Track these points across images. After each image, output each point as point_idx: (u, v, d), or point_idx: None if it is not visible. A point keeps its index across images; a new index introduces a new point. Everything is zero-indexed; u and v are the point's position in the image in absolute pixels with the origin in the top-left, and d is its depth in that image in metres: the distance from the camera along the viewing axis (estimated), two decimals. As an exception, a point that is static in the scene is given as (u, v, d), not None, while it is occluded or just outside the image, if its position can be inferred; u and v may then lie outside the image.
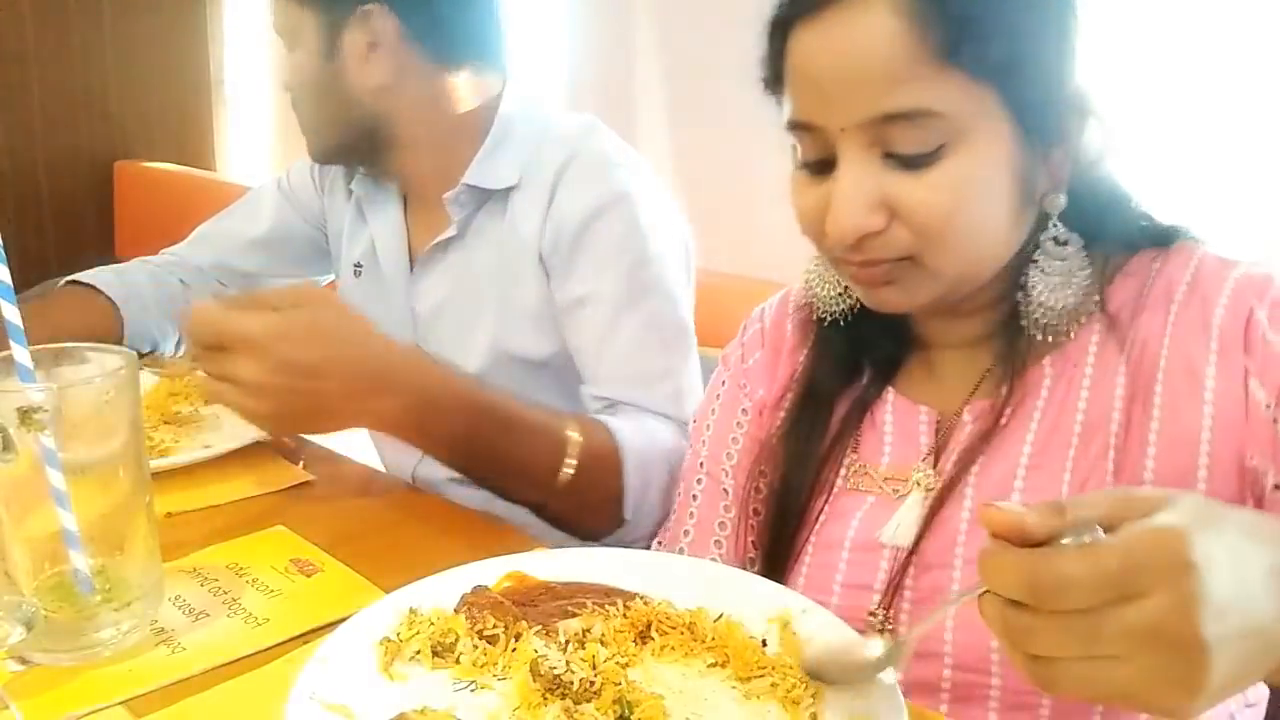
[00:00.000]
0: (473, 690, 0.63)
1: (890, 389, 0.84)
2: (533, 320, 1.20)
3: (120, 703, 0.65)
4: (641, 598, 0.72)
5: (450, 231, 1.23)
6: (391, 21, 1.17)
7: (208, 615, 0.75)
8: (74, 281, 1.45)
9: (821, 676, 0.62)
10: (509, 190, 1.20)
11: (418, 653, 0.65)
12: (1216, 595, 0.43)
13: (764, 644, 0.67)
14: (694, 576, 0.74)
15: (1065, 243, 0.74)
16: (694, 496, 0.92)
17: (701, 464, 0.93)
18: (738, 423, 0.91)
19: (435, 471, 1.27)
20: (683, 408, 1.12)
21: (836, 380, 0.85)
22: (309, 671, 0.62)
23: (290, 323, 0.86)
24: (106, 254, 3.49)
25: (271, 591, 0.79)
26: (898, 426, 0.82)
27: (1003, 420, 0.76)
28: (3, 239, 0.66)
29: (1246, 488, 0.68)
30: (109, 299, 1.42)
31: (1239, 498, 0.68)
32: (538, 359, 1.21)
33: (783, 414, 0.87)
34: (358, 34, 1.17)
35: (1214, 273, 0.72)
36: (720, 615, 0.69)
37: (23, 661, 0.68)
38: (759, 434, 0.89)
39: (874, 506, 0.80)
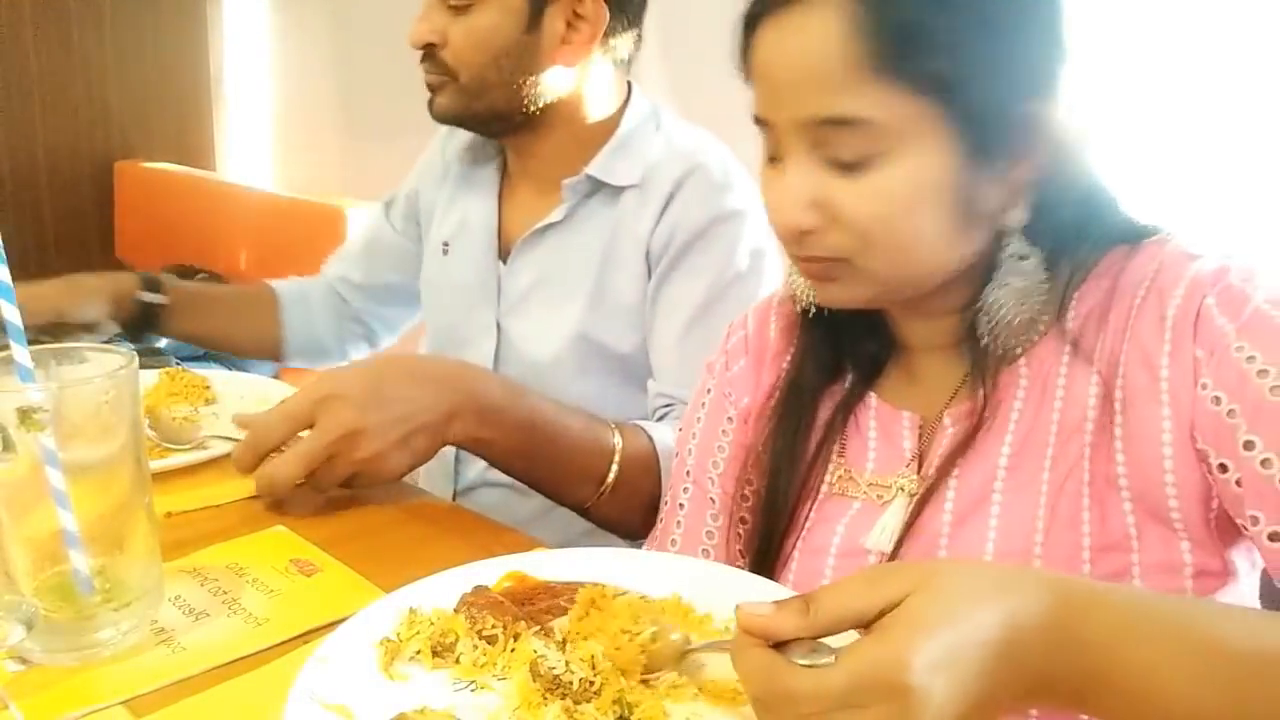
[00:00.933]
0: (472, 690, 0.63)
1: (873, 394, 0.84)
2: (625, 313, 1.24)
3: (120, 703, 0.65)
4: (641, 597, 0.72)
5: (557, 216, 1.26)
6: (600, 9, 1.20)
7: (208, 615, 0.75)
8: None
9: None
10: (623, 188, 1.24)
11: (418, 653, 0.65)
12: (931, 708, 0.49)
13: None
14: (694, 576, 0.74)
15: (1025, 258, 0.73)
16: (681, 505, 0.92)
17: (688, 472, 0.93)
18: (723, 430, 0.91)
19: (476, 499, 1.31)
20: None
21: (819, 380, 0.85)
22: (309, 671, 0.62)
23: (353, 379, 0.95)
24: (107, 254, 3.50)
25: (271, 591, 0.79)
26: (881, 432, 0.82)
27: (981, 424, 0.76)
28: (3, 239, 0.66)
29: (1205, 473, 0.69)
30: (275, 297, 1.51)
31: (1203, 484, 0.68)
32: (619, 351, 1.24)
33: (768, 419, 0.87)
34: (561, 13, 1.19)
35: (1174, 266, 0.72)
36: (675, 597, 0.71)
37: (23, 661, 0.68)
38: (744, 441, 0.89)
39: (859, 512, 0.80)
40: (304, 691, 0.60)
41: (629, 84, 1.31)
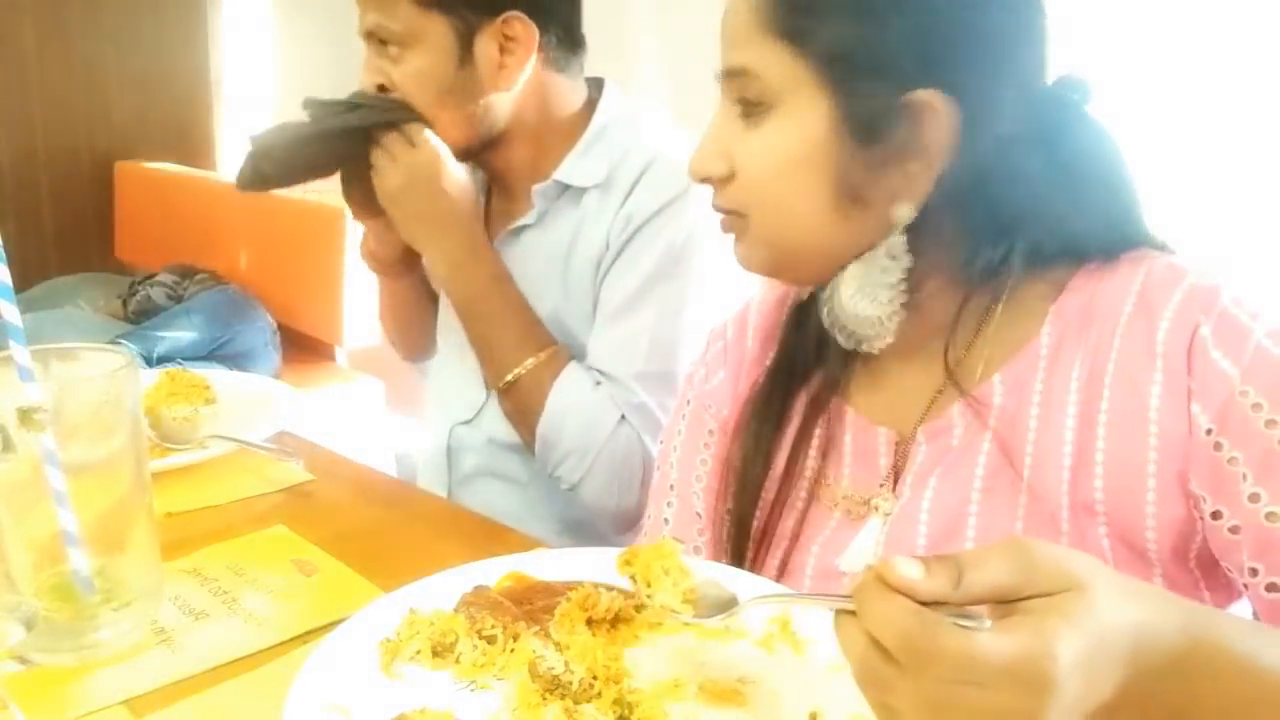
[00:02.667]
0: (472, 690, 0.63)
1: (849, 409, 0.82)
2: (590, 306, 1.26)
3: (120, 703, 0.65)
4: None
5: (529, 220, 1.28)
6: (529, 28, 1.21)
7: (208, 615, 0.75)
8: None
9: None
10: (588, 188, 1.25)
11: (418, 653, 0.65)
12: (1061, 708, 0.47)
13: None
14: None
15: (894, 257, 0.72)
16: (666, 520, 0.91)
17: (671, 486, 0.91)
18: (704, 444, 0.90)
19: (475, 433, 1.36)
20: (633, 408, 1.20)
21: (791, 381, 0.84)
22: (309, 671, 0.62)
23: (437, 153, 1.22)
24: (106, 254, 3.50)
25: (271, 591, 0.79)
26: (856, 447, 0.81)
27: (954, 442, 0.74)
28: (3, 239, 0.66)
29: (1192, 511, 0.67)
30: None
31: (1187, 521, 0.67)
32: (586, 341, 1.26)
33: (738, 425, 0.86)
34: (492, 40, 1.21)
35: (1161, 285, 0.70)
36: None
37: (23, 661, 0.68)
38: (723, 453, 0.88)
39: (836, 529, 0.79)
40: (304, 691, 0.60)
41: (600, 83, 1.32)
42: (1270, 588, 0.65)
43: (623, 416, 1.19)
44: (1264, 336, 0.66)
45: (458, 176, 1.25)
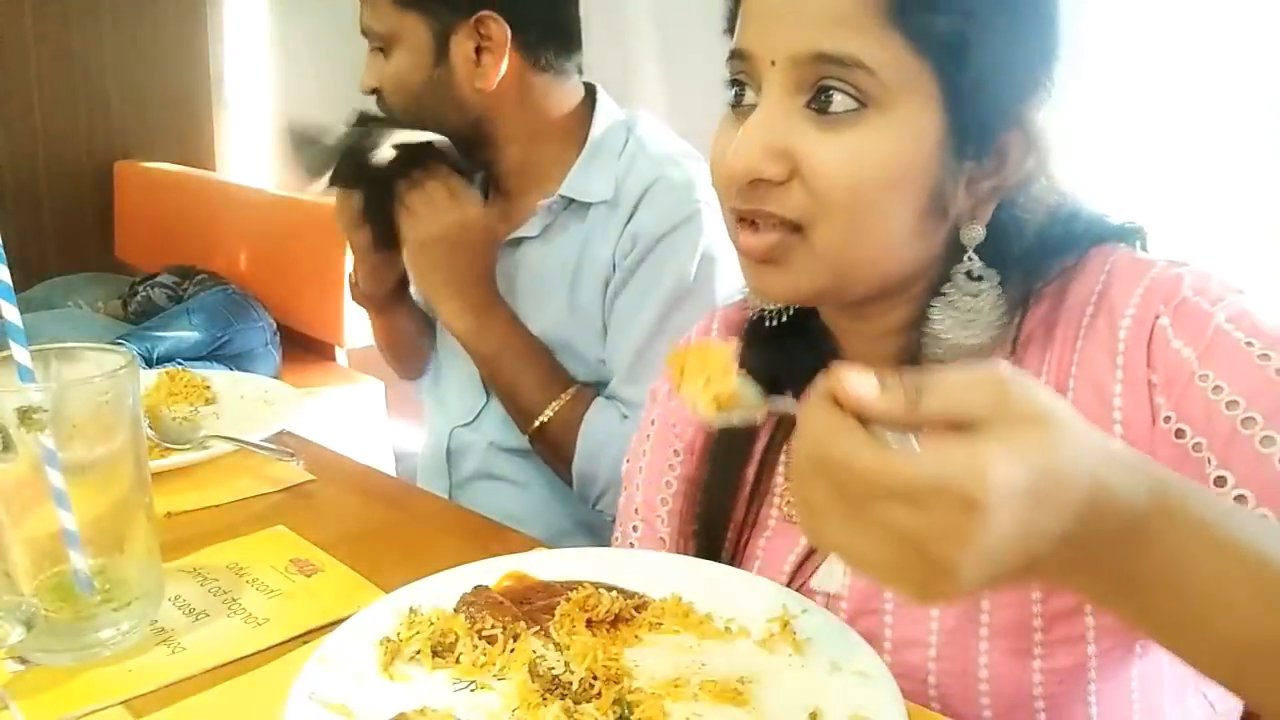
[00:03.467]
0: (472, 690, 0.63)
1: None
2: (595, 322, 1.26)
3: (120, 703, 0.65)
4: (640, 596, 0.72)
5: (532, 231, 1.28)
6: (502, 27, 1.22)
7: (208, 615, 0.75)
8: None
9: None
10: (594, 203, 1.25)
11: (418, 653, 0.65)
12: (989, 542, 0.43)
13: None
14: (695, 576, 0.74)
15: (979, 278, 0.68)
16: (631, 544, 0.89)
17: (636, 510, 0.89)
18: (670, 465, 0.88)
19: (475, 436, 1.36)
20: None
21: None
22: (309, 671, 0.62)
23: (473, 210, 1.24)
24: (107, 254, 3.50)
25: (271, 591, 0.79)
26: None
27: None
28: (3, 239, 0.66)
29: None
30: None
31: None
32: (593, 361, 1.27)
33: (702, 450, 0.83)
34: (467, 39, 1.21)
35: (1122, 284, 0.68)
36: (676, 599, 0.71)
37: (23, 661, 0.68)
38: (689, 474, 0.85)
39: (808, 547, 0.77)
40: (304, 691, 0.60)
41: (593, 89, 1.32)
42: None
43: None
44: (1224, 320, 0.64)
45: (488, 236, 1.26)
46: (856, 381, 0.46)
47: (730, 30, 0.72)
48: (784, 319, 0.78)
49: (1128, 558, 0.47)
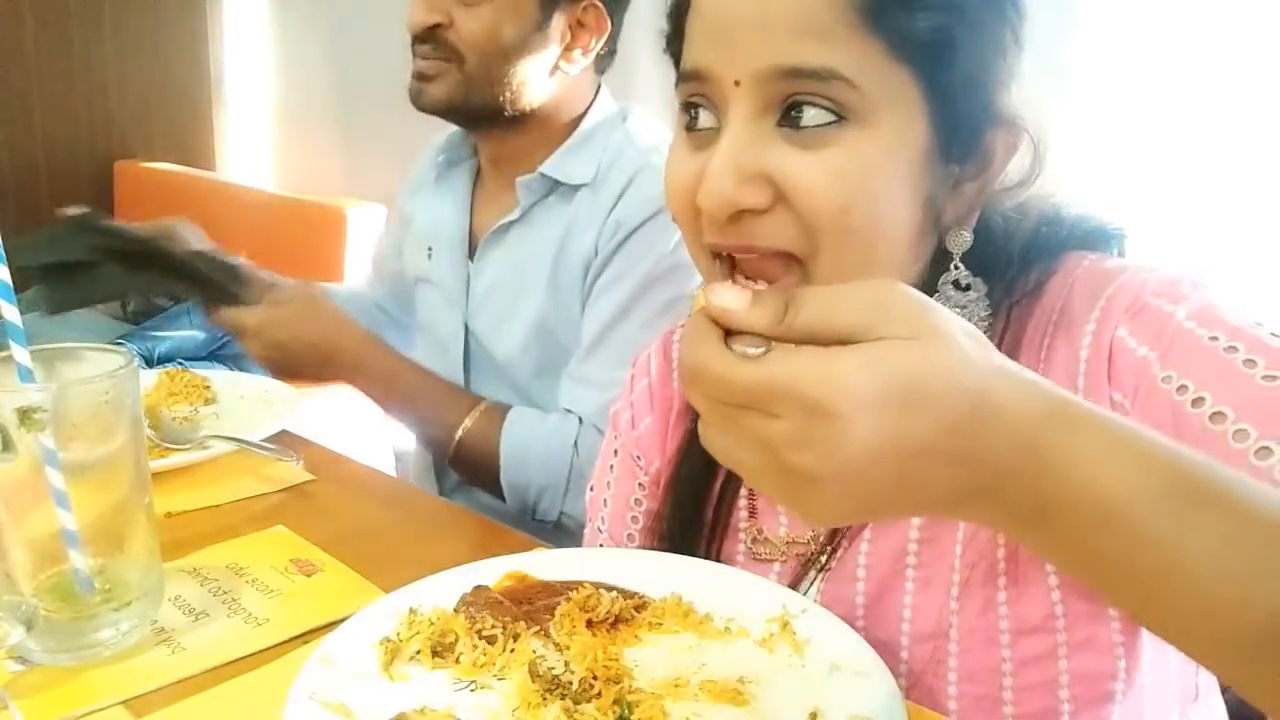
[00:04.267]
0: (472, 690, 0.63)
1: None
2: (577, 309, 1.26)
3: (120, 703, 0.65)
4: (640, 596, 0.72)
5: (513, 215, 1.28)
6: (604, 19, 1.23)
7: (208, 615, 0.75)
8: None
9: None
10: (577, 187, 1.25)
11: (418, 653, 0.65)
12: (849, 452, 0.42)
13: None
14: (694, 576, 0.74)
15: (967, 288, 0.65)
16: None
17: (602, 544, 0.88)
18: (635, 499, 0.85)
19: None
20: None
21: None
22: (309, 671, 0.62)
23: (272, 315, 1.23)
24: (106, 254, 3.49)
25: (271, 591, 0.79)
26: None
27: None
28: (3, 239, 0.66)
29: None
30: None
31: None
32: (571, 344, 1.27)
33: (664, 490, 0.81)
34: (567, 16, 1.22)
35: (1083, 296, 0.64)
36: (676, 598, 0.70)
37: (23, 661, 0.68)
38: (654, 507, 0.83)
39: (779, 579, 0.75)
40: (304, 691, 0.60)
41: (599, 86, 1.34)
42: None
43: (580, 424, 1.20)
44: (1185, 318, 0.61)
45: (313, 309, 1.26)
46: (724, 293, 0.45)
47: (670, 49, 0.67)
48: None
49: (1032, 478, 0.43)
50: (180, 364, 2.12)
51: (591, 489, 0.91)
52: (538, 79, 1.24)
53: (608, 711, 0.58)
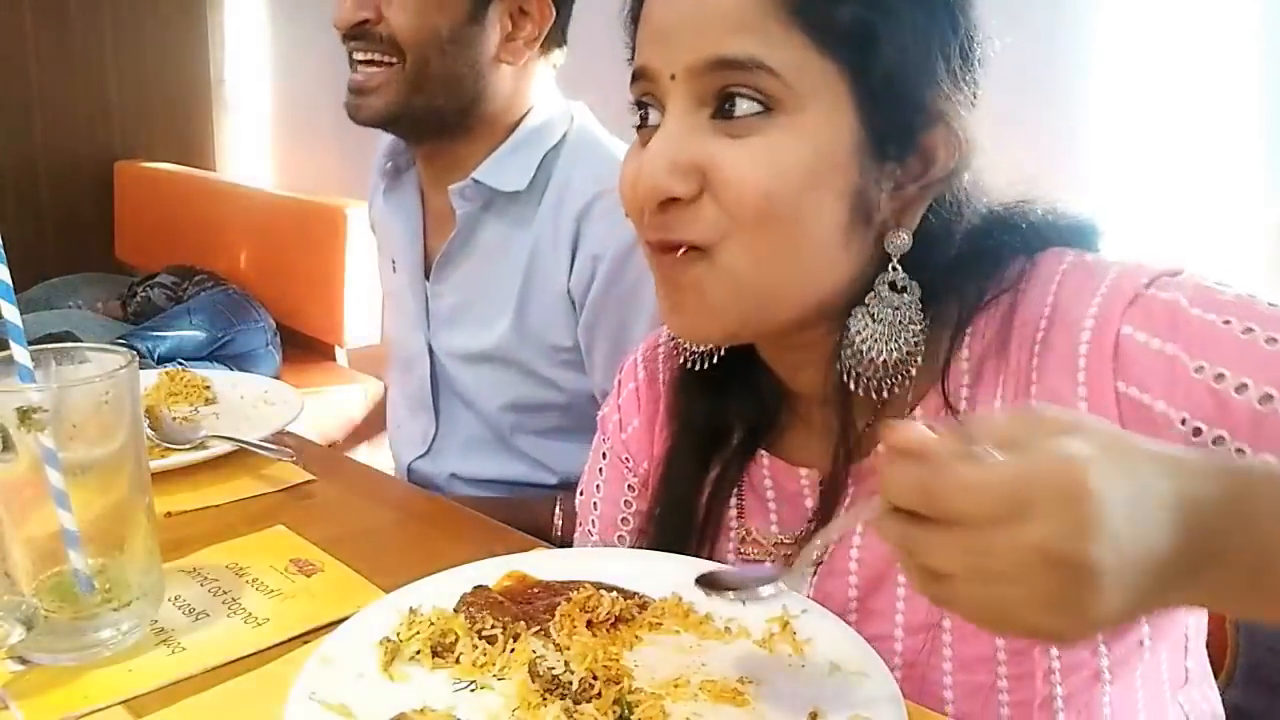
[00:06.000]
0: (472, 690, 0.63)
1: (764, 453, 0.76)
2: (550, 351, 1.20)
3: (120, 703, 0.65)
4: (640, 596, 0.72)
5: (453, 231, 1.22)
6: (545, 7, 1.16)
7: (208, 615, 0.75)
8: None
9: (714, 586, 0.62)
10: (525, 204, 1.18)
11: (418, 653, 0.65)
12: (1112, 523, 0.42)
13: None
14: (694, 576, 0.74)
15: (903, 289, 0.65)
16: None
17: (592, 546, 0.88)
18: (625, 501, 0.85)
19: (433, 467, 1.31)
20: None
21: (703, 446, 0.77)
22: (309, 671, 0.62)
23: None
24: (106, 254, 3.50)
25: (271, 591, 0.79)
26: (779, 491, 0.76)
27: (842, 487, 0.70)
28: (3, 239, 0.66)
29: None
30: None
31: None
32: (547, 389, 1.22)
33: (652, 492, 0.80)
34: (507, 7, 1.15)
35: (1076, 294, 0.65)
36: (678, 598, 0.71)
37: (23, 661, 0.68)
38: (644, 509, 0.83)
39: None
40: (304, 691, 0.60)
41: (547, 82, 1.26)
42: None
43: None
44: (1189, 305, 0.62)
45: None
46: (912, 429, 0.46)
47: (629, 50, 0.69)
48: (715, 360, 0.74)
49: (1240, 537, 0.46)
50: (180, 364, 2.12)
51: (581, 493, 0.90)
52: (476, 73, 1.16)
53: (608, 711, 0.58)
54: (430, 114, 1.17)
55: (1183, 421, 0.61)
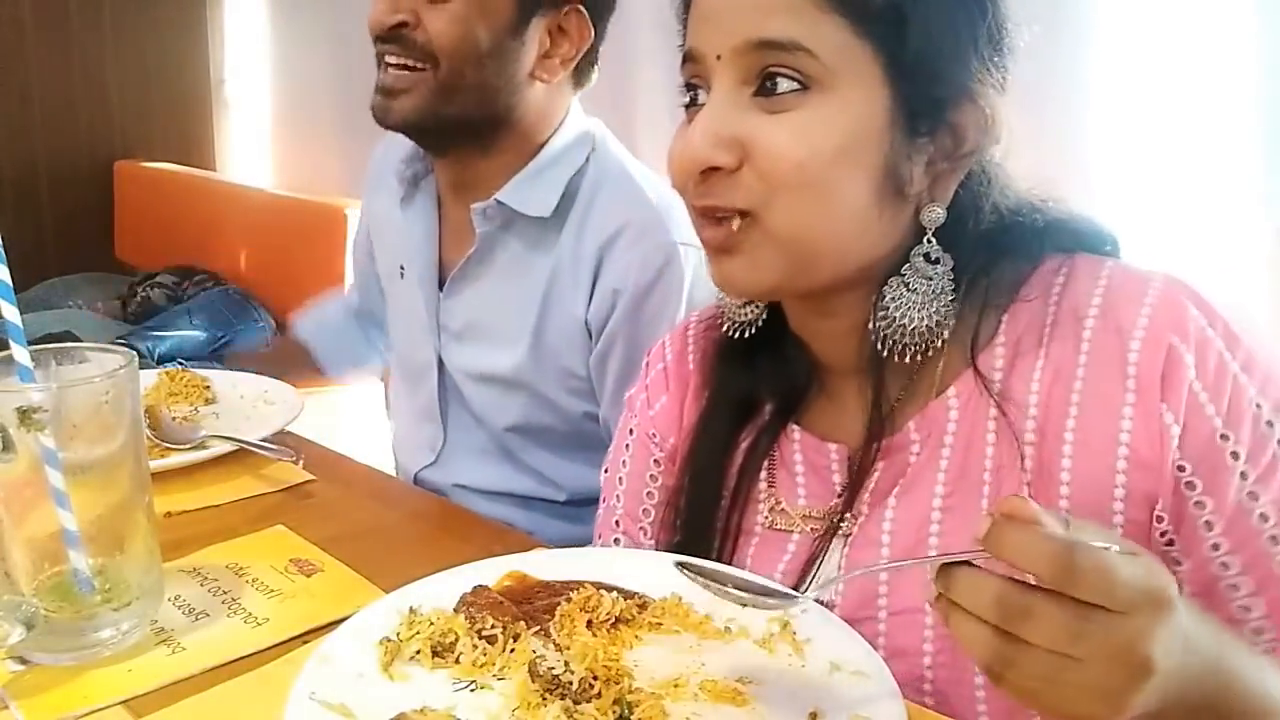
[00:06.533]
0: (472, 690, 0.63)
1: (794, 427, 0.79)
2: (565, 376, 1.19)
3: (120, 703, 0.65)
4: (640, 596, 0.72)
5: (471, 249, 1.20)
6: (586, 26, 1.15)
7: (208, 615, 0.75)
8: None
9: (732, 596, 0.62)
10: (545, 226, 1.17)
11: (418, 653, 0.65)
12: (1176, 634, 0.50)
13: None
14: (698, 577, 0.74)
15: (936, 261, 0.69)
16: None
17: (617, 522, 0.88)
18: (651, 475, 0.87)
19: (440, 477, 1.29)
20: None
21: (735, 418, 0.80)
22: (309, 671, 0.62)
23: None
24: (107, 254, 3.50)
25: (271, 591, 0.79)
26: (808, 464, 0.78)
27: (911, 459, 0.72)
28: (3, 239, 0.66)
29: (1154, 532, 0.66)
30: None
31: (1148, 541, 0.66)
32: (561, 409, 1.22)
33: (683, 464, 0.82)
34: (547, 21, 1.14)
35: (1127, 298, 0.68)
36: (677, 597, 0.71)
37: (23, 661, 0.68)
38: (671, 483, 0.84)
39: (797, 552, 0.76)
40: (304, 691, 0.60)
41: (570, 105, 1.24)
42: None
43: None
44: (1239, 371, 0.66)
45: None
46: (1029, 504, 0.51)
47: (680, 14, 0.73)
48: (754, 330, 0.77)
49: (1211, 693, 0.56)
50: (180, 364, 2.12)
51: (606, 470, 0.91)
52: (511, 87, 1.14)
53: (608, 711, 0.58)
54: (459, 124, 1.15)
55: (1180, 468, 0.65)
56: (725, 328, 0.79)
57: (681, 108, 0.73)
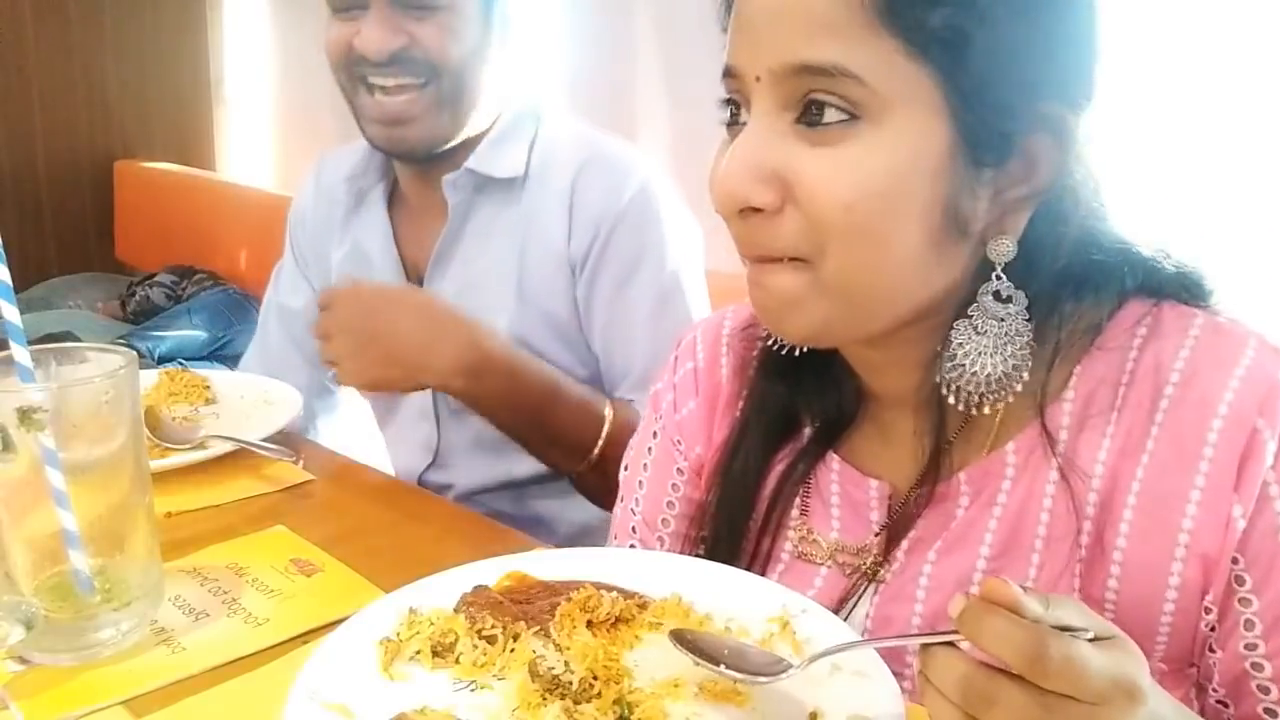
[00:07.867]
0: (472, 690, 0.63)
1: (834, 456, 0.74)
2: (553, 323, 1.20)
3: (120, 703, 0.65)
4: (640, 596, 0.72)
5: (453, 220, 1.21)
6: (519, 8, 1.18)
7: (208, 615, 0.75)
8: None
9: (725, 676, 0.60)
10: (514, 184, 1.19)
11: (418, 653, 0.65)
12: None
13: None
14: (695, 576, 0.74)
15: (1008, 299, 0.62)
16: None
17: (634, 528, 0.85)
18: (673, 484, 0.83)
19: (443, 477, 1.28)
20: None
21: (772, 438, 0.76)
22: (309, 671, 0.62)
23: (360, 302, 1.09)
24: (106, 254, 3.50)
25: (271, 591, 0.79)
26: (844, 497, 0.73)
27: (960, 512, 0.68)
28: (3, 239, 0.66)
29: (1201, 623, 0.62)
30: None
31: (1194, 631, 0.62)
32: (551, 361, 1.21)
33: (715, 482, 0.78)
34: (498, 12, 1.16)
35: (1215, 363, 0.61)
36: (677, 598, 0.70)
37: (23, 661, 0.68)
38: (695, 495, 0.81)
39: (825, 588, 0.73)
40: (304, 691, 0.60)
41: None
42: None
43: None
44: None
45: (411, 293, 1.16)
46: (1008, 586, 0.48)
47: (723, 25, 0.67)
48: (801, 349, 0.71)
49: None
50: (180, 364, 2.12)
51: (626, 468, 0.88)
52: (491, 78, 1.17)
53: (608, 711, 0.58)
54: (459, 130, 1.18)
55: (1234, 560, 0.61)
56: (768, 339, 0.74)
57: (722, 125, 0.66)
